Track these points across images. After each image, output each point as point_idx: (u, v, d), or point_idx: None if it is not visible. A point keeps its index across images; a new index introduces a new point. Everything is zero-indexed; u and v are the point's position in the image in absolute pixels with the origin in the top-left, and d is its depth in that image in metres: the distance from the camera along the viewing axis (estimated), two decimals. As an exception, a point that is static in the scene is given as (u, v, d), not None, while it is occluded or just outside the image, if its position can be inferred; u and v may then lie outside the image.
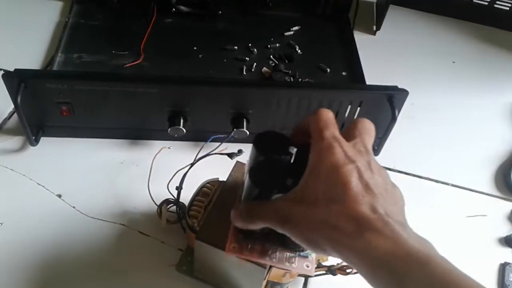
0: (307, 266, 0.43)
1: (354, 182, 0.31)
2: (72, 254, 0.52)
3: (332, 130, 0.34)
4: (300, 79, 0.71)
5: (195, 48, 0.74)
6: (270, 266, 0.46)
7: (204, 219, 0.47)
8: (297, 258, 0.43)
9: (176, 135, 0.60)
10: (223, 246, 0.43)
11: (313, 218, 0.32)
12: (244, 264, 0.44)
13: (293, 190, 0.35)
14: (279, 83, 0.67)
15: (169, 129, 0.59)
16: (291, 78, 0.71)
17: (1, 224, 0.53)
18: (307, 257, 0.43)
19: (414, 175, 0.65)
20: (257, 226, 0.37)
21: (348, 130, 0.37)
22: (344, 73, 0.74)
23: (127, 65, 0.69)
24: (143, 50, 0.71)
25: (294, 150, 0.40)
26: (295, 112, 0.61)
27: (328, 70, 0.73)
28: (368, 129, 0.36)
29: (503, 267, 0.56)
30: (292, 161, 0.40)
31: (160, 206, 0.53)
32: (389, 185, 0.34)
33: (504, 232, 0.59)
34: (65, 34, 0.73)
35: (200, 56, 0.73)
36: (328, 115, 0.36)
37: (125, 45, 0.72)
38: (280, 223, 0.34)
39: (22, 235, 0.53)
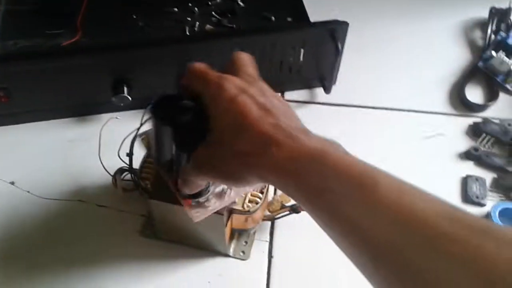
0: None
1: (252, 108, 0.32)
2: (33, 237, 0.51)
3: (213, 72, 0.35)
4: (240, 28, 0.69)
5: (134, 16, 0.72)
6: (231, 213, 0.46)
7: (154, 178, 0.46)
8: None
9: (122, 104, 0.58)
10: (177, 201, 0.42)
11: (226, 153, 0.33)
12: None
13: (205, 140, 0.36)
14: (219, 34, 0.65)
15: (113, 98, 0.58)
16: (235, 31, 0.69)
17: (-45, 219, 0.52)
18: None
19: (369, 107, 0.64)
20: (197, 185, 0.39)
21: (228, 68, 0.37)
22: (289, 19, 0.72)
23: (64, 44, 0.66)
24: (80, 26, 0.69)
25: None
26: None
27: (273, 18, 0.72)
28: (246, 59, 0.37)
29: (465, 180, 0.56)
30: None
31: (114, 176, 0.53)
32: (286, 106, 0.35)
33: (463, 147, 0.60)
34: (-3, 22, 0.70)
35: (140, 24, 0.71)
36: (200, 65, 0.37)
37: (60, 24, 0.69)
38: (202, 171, 0.36)
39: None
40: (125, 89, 0.58)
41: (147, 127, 0.46)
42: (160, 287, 0.49)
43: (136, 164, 0.50)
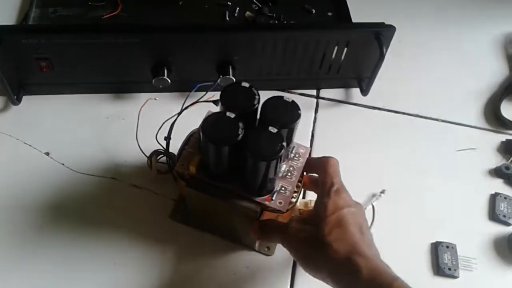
0: (280, 203, 0.45)
1: (355, 229, 0.41)
2: (65, 210, 0.52)
3: (338, 178, 0.45)
4: (285, 22, 0.69)
5: (175, -5, 0.71)
6: (263, 208, 0.46)
7: (195, 166, 0.47)
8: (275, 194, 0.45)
9: (161, 86, 0.59)
10: (214, 193, 0.43)
11: (320, 250, 0.41)
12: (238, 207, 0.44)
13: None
14: (263, 26, 0.65)
15: (153, 80, 0.58)
16: (276, 21, 0.69)
17: (-9, 185, 0.53)
18: (285, 193, 0.45)
19: (403, 113, 0.64)
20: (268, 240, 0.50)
21: (317, 168, 0.46)
22: (330, 13, 0.71)
23: (105, 17, 0.66)
24: (121, 0, 0.68)
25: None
26: (281, 56, 0.59)
27: (314, 11, 0.71)
28: (337, 170, 0.45)
29: (493, 197, 0.57)
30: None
31: (150, 158, 0.53)
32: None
33: (494, 163, 0.60)
34: (38, -13, 0.70)
35: (180, 3, 0.70)
36: (336, 166, 0.45)
37: (102, -4, 0.69)
38: (288, 246, 0.45)
39: (13, 194, 0.53)
40: (165, 71, 0.58)
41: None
42: (184, 272, 0.50)
43: (171, 148, 0.51)
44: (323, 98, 0.65)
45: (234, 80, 0.59)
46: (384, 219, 0.54)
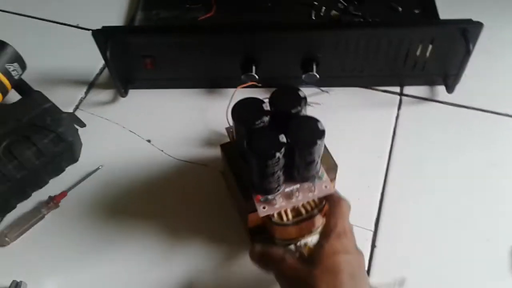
0: (326, 187, 0.47)
1: (346, 274, 0.40)
2: (162, 193, 0.58)
3: (344, 222, 0.43)
4: (370, 20, 0.70)
5: (264, -5, 0.76)
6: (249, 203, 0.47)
7: None
8: (315, 185, 0.47)
9: (249, 81, 0.63)
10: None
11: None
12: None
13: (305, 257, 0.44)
14: (346, 24, 0.67)
15: (242, 76, 0.62)
16: (361, 20, 0.70)
17: (102, 166, 0.60)
18: (321, 178, 0.47)
19: (491, 112, 0.63)
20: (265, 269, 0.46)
21: (329, 212, 0.45)
22: (416, 11, 0.72)
23: (201, 18, 0.72)
24: (215, 2, 0.74)
25: (268, 107, 0.45)
26: (365, 53, 0.61)
27: (400, 9, 0.72)
28: (345, 213, 0.44)
29: None
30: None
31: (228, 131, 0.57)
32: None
33: None
34: (143, -8, 0.78)
35: (269, 4, 0.75)
36: (345, 209, 0.45)
37: (197, -1, 0.75)
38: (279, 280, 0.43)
39: (119, 176, 0.60)
40: (253, 68, 0.62)
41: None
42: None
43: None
44: (406, 95, 0.66)
45: (318, 76, 0.62)
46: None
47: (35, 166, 0.54)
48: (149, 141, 0.63)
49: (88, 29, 0.75)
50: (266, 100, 0.46)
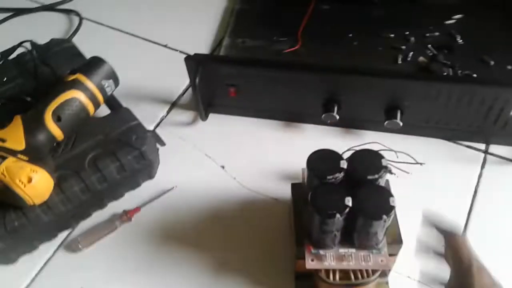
0: (382, 261, 0.44)
1: None
2: (228, 221, 0.59)
3: (475, 255, 0.43)
4: (460, 71, 0.68)
5: (350, 35, 0.75)
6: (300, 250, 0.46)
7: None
8: (371, 255, 0.44)
9: (329, 121, 0.63)
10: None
11: None
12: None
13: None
14: (438, 76, 0.65)
15: (323, 116, 0.62)
16: (450, 69, 0.68)
17: (176, 187, 0.62)
18: (380, 252, 0.45)
19: None
20: None
21: (452, 250, 0.44)
22: (509, 67, 0.69)
23: (286, 51, 0.73)
24: (301, 36, 0.75)
25: (345, 165, 0.44)
26: (454, 107, 0.59)
27: (492, 62, 0.69)
28: (471, 246, 0.43)
29: None
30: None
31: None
32: None
33: None
34: (231, 19, 0.80)
35: (355, 43, 0.74)
36: (468, 242, 0.44)
37: (284, 31, 0.76)
38: None
39: (190, 198, 0.61)
40: (335, 108, 0.62)
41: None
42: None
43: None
44: (492, 154, 0.63)
45: (401, 124, 0.61)
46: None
47: (115, 180, 0.57)
48: (222, 167, 0.64)
49: (176, 50, 0.79)
50: (345, 154, 0.45)
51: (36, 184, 0.50)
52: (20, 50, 0.70)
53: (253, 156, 0.64)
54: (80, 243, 0.56)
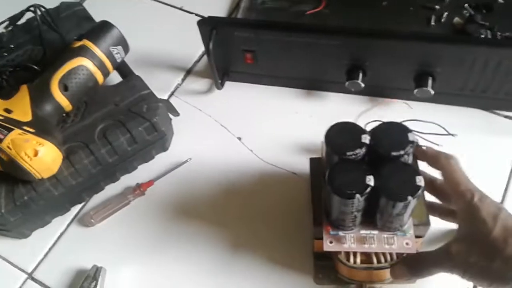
0: (407, 244, 0.41)
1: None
2: (245, 195, 0.56)
3: (472, 183, 0.41)
4: (499, 34, 0.61)
5: (379, -6, 0.69)
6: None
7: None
8: (395, 238, 0.41)
9: (353, 89, 0.58)
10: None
11: (495, 256, 0.37)
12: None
13: (459, 234, 0.40)
14: (475, 39, 0.59)
15: (346, 83, 0.58)
16: (489, 31, 0.62)
17: (190, 159, 0.59)
18: (405, 235, 0.41)
19: None
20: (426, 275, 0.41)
21: (449, 182, 0.41)
22: (556, 27, 0.62)
23: (308, 12, 0.68)
24: (325, -3, 0.69)
25: (367, 139, 0.39)
26: (491, 74, 0.54)
27: (536, 22, 0.62)
28: (464, 172, 0.42)
29: None
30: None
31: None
32: None
33: None
34: (250, -21, 0.75)
35: (384, 3, 0.68)
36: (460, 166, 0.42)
37: (307, -9, 0.71)
38: (458, 266, 0.39)
39: (205, 171, 0.58)
40: (360, 75, 0.57)
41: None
42: None
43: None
44: (524, 125, 0.57)
45: (432, 93, 0.56)
46: None
47: (126, 152, 0.54)
48: (239, 138, 0.61)
49: (192, 13, 0.74)
50: (369, 125, 0.42)
51: (42, 157, 0.48)
52: (30, 15, 0.67)
53: (271, 127, 0.61)
54: (93, 218, 0.55)
